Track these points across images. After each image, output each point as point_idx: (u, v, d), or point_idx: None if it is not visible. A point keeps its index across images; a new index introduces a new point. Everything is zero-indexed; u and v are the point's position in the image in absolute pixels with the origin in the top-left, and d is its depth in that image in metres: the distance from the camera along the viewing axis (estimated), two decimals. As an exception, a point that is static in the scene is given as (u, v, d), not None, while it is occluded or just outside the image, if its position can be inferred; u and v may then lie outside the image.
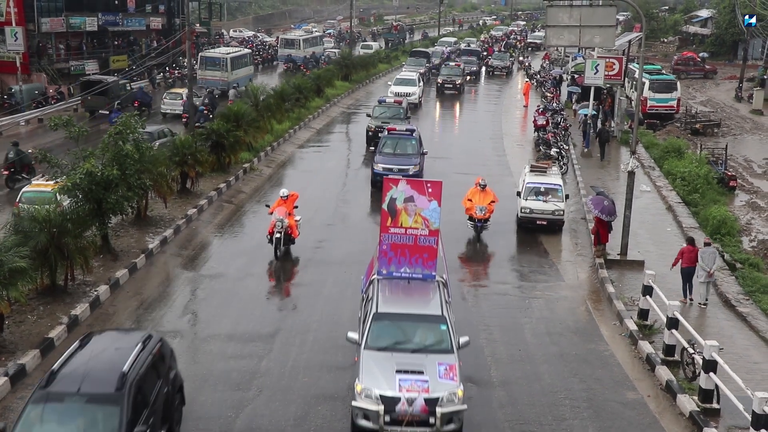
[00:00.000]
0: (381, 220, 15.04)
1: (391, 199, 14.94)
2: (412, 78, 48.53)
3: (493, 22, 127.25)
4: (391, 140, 28.80)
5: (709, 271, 18.47)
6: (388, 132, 29.30)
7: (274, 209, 21.01)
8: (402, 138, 28.97)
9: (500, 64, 66.36)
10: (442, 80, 53.74)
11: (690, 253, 18.71)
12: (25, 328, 15.70)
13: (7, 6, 44.18)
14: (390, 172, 26.42)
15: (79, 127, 21.76)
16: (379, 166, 27.46)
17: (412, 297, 14.68)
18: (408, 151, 28.56)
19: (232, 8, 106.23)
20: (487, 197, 23.09)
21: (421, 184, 15.20)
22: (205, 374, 14.72)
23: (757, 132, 45.04)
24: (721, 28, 77.47)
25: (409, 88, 46.35)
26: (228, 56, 49.54)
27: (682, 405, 13.90)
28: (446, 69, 55.56)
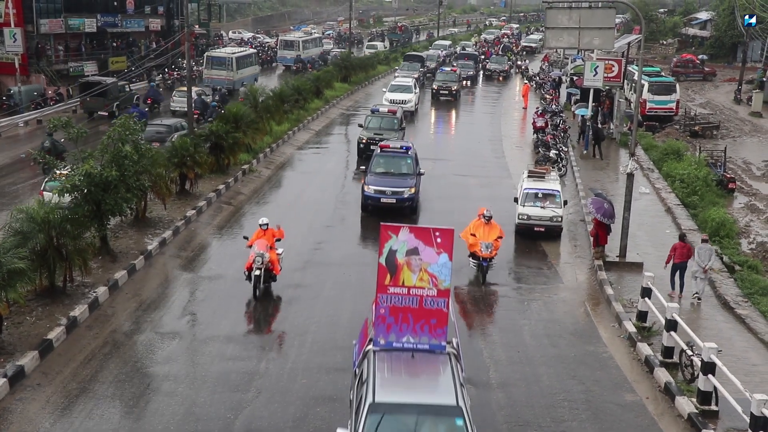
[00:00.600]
0: (378, 278, 12.06)
1: (390, 252, 12.01)
2: (408, 84, 46.41)
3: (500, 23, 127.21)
4: (384, 159, 26.15)
5: (704, 268, 18.78)
6: (381, 149, 26.63)
7: (253, 242, 18.60)
8: (396, 156, 26.31)
9: (498, 68, 65.20)
10: (437, 86, 51.50)
11: (681, 249, 19.11)
12: (24, 329, 15.69)
13: (6, 7, 44.17)
14: (383, 195, 24.53)
15: (78, 128, 21.78)
16: (370, 188, 24.77)
17: (418, 378, 11.81)
18: (403, 171, 25.76)
19: (231, 10, 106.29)
20: (493, 232, 20.04)
21: (427, 232, 12.15)
22: (204, 375, 14.71)
23: (756, 134, 45.05)
24: (720, 31, 77.53)
25: (405, 95, 44.45)
26: (233, 56, 51.08)
27: (680, 407, 13.90)
28: (441, 74, 53.50)
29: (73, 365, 14.78)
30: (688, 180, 29.46)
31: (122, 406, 13.56)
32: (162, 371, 14.83)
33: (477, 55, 68.52)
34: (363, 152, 31.96)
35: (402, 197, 24.64)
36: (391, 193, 24.59)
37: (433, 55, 67.78)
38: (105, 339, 15.97)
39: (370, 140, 31.53)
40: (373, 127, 33.37)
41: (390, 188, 24.70)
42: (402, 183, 25.06)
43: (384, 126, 33.32)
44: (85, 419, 13.02)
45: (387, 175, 25.49)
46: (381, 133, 31.88)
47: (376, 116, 34.18)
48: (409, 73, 54.46)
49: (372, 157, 26.63)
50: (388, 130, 32.77)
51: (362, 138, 32.64)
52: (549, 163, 30.67)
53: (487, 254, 19.73)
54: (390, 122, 33.59)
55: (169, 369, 14.92)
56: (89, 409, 13.32)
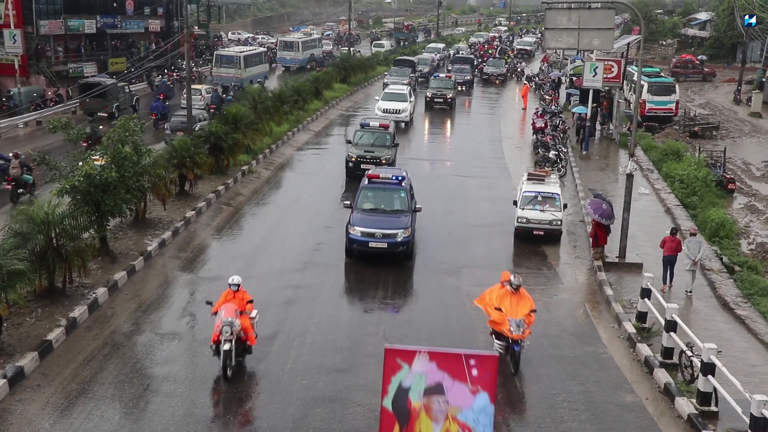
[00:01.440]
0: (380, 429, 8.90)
1: (399, 390, 8.43)
2: (402, 92, 42.93)
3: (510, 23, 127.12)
4: (373, 192, 22.11)
5: (694, 260, 19.32)
6: (369, 180, 22.30)
7: (220, 306, 14.73)
8: (387, 189, 22.15)
9: (495, 71, 62.67)
10: (431, 94, 48.13)
11: (671, 243, 19.67)
12: (24, 330, 15.68)
13: (6, 8, 44.19)
14: (371, 239, 20.50)
15: (77, 129, 21.78)
16: (356, 230, 20.61)
17: None
18: (395, 207, 21.67)
19: (230, 11, 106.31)
20: (523, 304, 15.27)
21: (457, 360, 8.38)
22: (203, 376, 14.70)
23: (755, 135, 45.06)
24: (719, 31, 77.58)
25: (399, 104, 41.26)
26: (241, 54, 53.59)
27: (680, 408, 13.89)
28: (436, 81, 49.73)
29: (72, 366, 14.77)
30: (688, 180, 29.47)
31: (122, 407, 13.55)
32: (161, 372, 14.82)
33: (473, 59, 65.78)
34: (352, 172, 28.74)
35: (394, 241, 20.58)
36: (381, 236, 20.53)
37: (425, 59, 64.69)
38: (104, 340, 15.97)
39: (360, 158, 28.74)
40: (364, 143, 30.27)
41: (380, 230, 20.65)
42: (394, 223, 20.98)
43: (375, 142, 30.34)
44: (84, 420, 13.01)
45: (376, 212, 21.54)
46: (372, 151, 29.22)
47: (366, 131, 31.00)
48: (399, 78, 51.68)
49: (358, 189, 22.47)
50: (381, 146, 29.98)
51: (351, 156, 29.30)
52: (548, 164, 30.70)
53: (518, 335, 14.92)
54: (382, 138, 30.58)
55: (168, 370, 14.91)
56: (89, 410, 13.31)
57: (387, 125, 31.44)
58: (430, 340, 16.64)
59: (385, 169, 24.11)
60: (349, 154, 29.56)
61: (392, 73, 54.81)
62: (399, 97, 42.26)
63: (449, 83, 48.99)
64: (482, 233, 24.31)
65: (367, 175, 22.72)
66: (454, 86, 49.16)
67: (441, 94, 47.79)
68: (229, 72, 51.99)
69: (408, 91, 43.71)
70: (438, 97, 47.74)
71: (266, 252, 21.88)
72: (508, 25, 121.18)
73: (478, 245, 23.21)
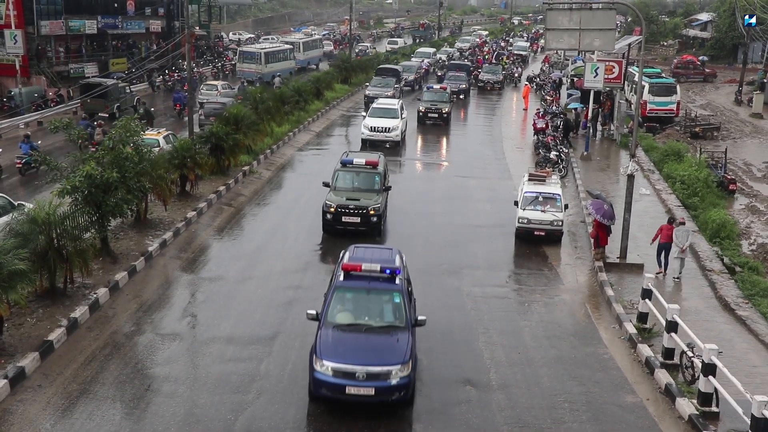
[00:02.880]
0: None
1: None
2: (393, 107, 37.50)
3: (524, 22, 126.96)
4: (354, 294, 14.82)
5: (682, 248, 20.48)
6: (346, 273, 14.87)
7: None
8: (374, 290, 14.76)
9: (492, 78, 58.04)
10: (424, 108, 42.19)
11: (668, 231, 20.87)
12: (25, 330, 15.70)
13: (7, 9, 44.21)
14: (350, 381, 13.23)
15: (78, 129, 21.79)
16: (326, 367, 13.34)
17: None
18: (386, 319, 14.53)
19: (231, 11, 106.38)
20: None
21: None
22: (204, 377, 14.71)
23: (756, 135, 45.05)
24: (720, 32, 77.58)
25: (389, 122, 36.05)
26: (262, 51, 56.96)
27: (681, 408, 13.90)
28: (430, 93, 43.99)
29: (73, 366, 14.78)
30: (689, 181, 29.46)
31: (123, 407, 13.56)
32: (162, 372, 14.83)
33: (469, 66, 60.48)
34: (331, 225, 23.05)
35: (386, 384, 13.28)
36: (365, 377, 13.24)
37: (410, 66, 59.20)
38: (105, 340, 15.98)
39: (342, 208, 22.76)
40: (346, 187, 23.93)
41: (362, 366, 13.31)
42: (385, 352, 13.68)
43: (360, 184, 24.09)
44: (85, 420, 13.02)
45: (356, 331, 14.20)
46: (357, 198, 23.15)
47: (349, 171, 24.40)
48: (381, 90, 47.02)
49: (329, 288, 15.14)
50: (367, 191, 23.70)
51: (329, 205, 22.93)
52: (550, 165, 30.72)
53: None
54: (369, 180, 24.15)
55: (169, 370, 14.92)
56: (90, 411, 13.32)
57: (375, 162, 24.56)
58: (431, 340, 16.64)
59: (369, 252, 16.27)
60: (327, 202, 22.99)
61: (374, 84, 49.17)
62: (389, 113, 36.89)
63: (444, 96, 43.64)
64: (483, 234, 24.32)
65: (343, 266, 15.01)
66: (449, 99, 44.23)
67: (435, 108, 42.14)
68: (251, 67, 55.33)
69: (399, 105, 38.29)
70: (432, 111, 42.13)
71: (267, 252, 21.89)
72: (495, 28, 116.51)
73: (479, 246, 23.21)
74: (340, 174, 24.28)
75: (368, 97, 46.58)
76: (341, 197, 23.18)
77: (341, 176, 24.24)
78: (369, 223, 22.87)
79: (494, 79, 58.04)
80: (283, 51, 60.48)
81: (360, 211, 22.79)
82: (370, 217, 22.84)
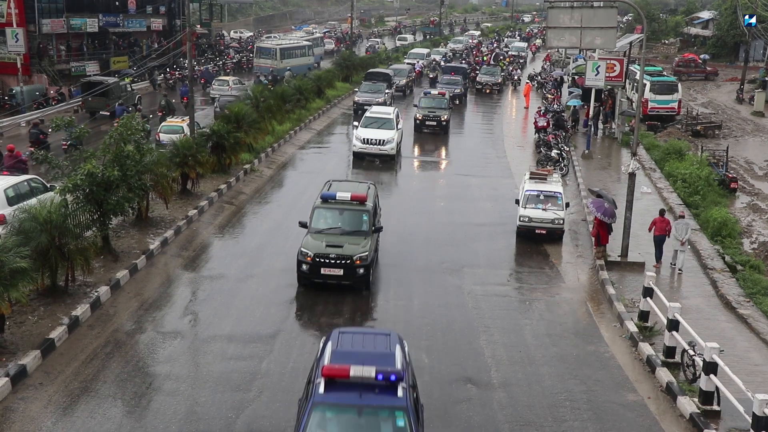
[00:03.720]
0: None
1: None
2: (388, 117, 33.92)
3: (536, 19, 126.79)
4: (338, 417, 10.43)
5: (682, 240, 20.98)
6: (327, 383, 10.43)
7: None
8: (368, 409, 10.32)
9: (491, 80, 55.43)
10: (422, 116, 38.97)
11: (661, 223, 21.28)
12: (26, 328, 15.71)
13: (8, 7, 44.23)
14: None
15: (80, 128, 21.79)
16: None
17: None
18: None
19: (232, 9, 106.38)
20: None
21: None
22: (205, 375, 14.72)
23: (758, 134, 45.05)
24: (722, 30, 77.55)
25: (384, 133, 32.60)
26: (278, 47, 58.66)
27: (682, 407, 13.89)
28: (427, 99, 40.44)
29: (75, 364, 14.79)
30: (690, 180, 29.46)
31: (124, 405, 13.57)
32: (164, 371, 14.84)
33: (466, 69, 56.94)
34: (308, 279, 18.67)
35: None
36: None
37: (402, 69, 55.13)
38: (107, 338, 15.99)
39: (321, 258, 18.36)
40: (327, 228, 19.32)
41: None
42: None
43: (345, 224, 19.44)
44: (87, 418, 13.03)
45: None
46: (340, 244, 18.57)
47: (330, 208, 19.62)
48: (372, 97, 43.64)
49: (303, 410, 10.64)
50: (354, 234, 19.15)
51: (306, 253, 18.45)
52: (551, 163, 30.72)
53: None
54: (355, 219, 19.49)
55: (170, 368, 14.93)
56: (91, 409, 13.33)
57: (363, 198, 19.67)
58: (432, 339, 16.65)
59: (360, 342, 11.82)
60: (303, 249, 18.46)
61: (363, 90, 45.72)
62: (383, 123, 33.48)
63: (443, 102, 40.21)
64: (484, 232, 24.32)
65: (324, 371, 10.50)
66: (449, 105, 40.88)
67: (434, 115, 38.87)
68: (266, 62, 56.96)
69: (395, 114, 34.63)
70: (430, 119, 38.85)
71: (268, 251, 21.89)
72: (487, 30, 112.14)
73: (480, 244, 23.21)
74: (319, 212, 19.48)
75: (357, 104, 43.70)
76: (320, 241, 18.61)
77: (321, 215, 19.47)
78: (354, 276, 18.47)
79: (492, 81, 55.59)
80: (301, 47, 62.22)
81: (343, 262, 18.34)
82: (355, 269, 18.36)
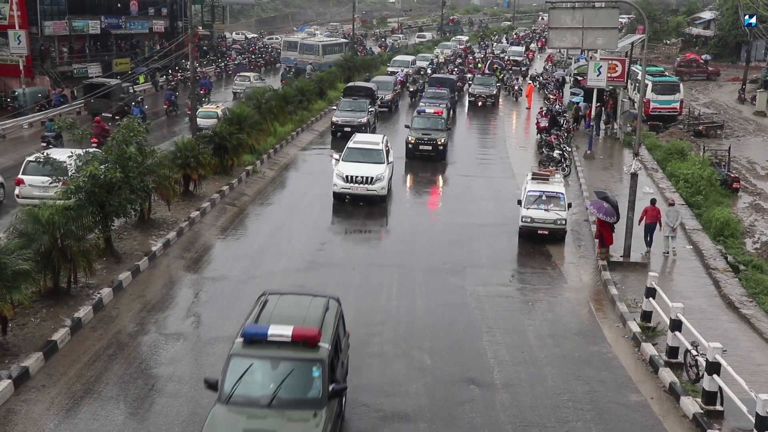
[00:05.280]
0: None
1: None
2: (376, 148, 27.38)
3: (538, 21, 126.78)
4: None
5: (672, 226, 22.06)
6: None
7: None
8: None
9: (485, 92, 49.18)
10: (414, 139, 33.29)
11: (651, 212, 22.19)
12: (28, 330, 15.72)
13: (11, 9, 44.31)
14: None
15: (82, 129, 21.82)
16: None
17: None
18: None
19: (234, 11, 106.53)
20: None
21: None
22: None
23: (760, 134, 45.01)
24: (724, 30, 77.47)
25: (372, 168, 26.30)
26: (320, 43, 64.93)
27: (685, 407, 13.87)
28: (420, 120, 34.67)
29: (77, 366, 14.79)
30: (692, 180, 29.44)
31: (127, 407, 13.57)
32: (166, 372, 14.83)
33: (454, 80, 49.48)
34: None
35: None
36: None
37: (387, 82, 48.37)
38: (109, 340, 15.99)
39: None
40: (246, 399, 11.39)
41: None
42: None
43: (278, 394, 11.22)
44: (89, 420, 13.03)
45: None
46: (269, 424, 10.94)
47: (257, 356, 11.56)
48: (353, 115, 37.48)
49: None
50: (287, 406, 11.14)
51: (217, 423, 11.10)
52: (553, 164, 30.70)
53: None
54: (296, 381, 11.39)
55: (173, 370, 14.92)
56: (94, 410, 13.33)
57: (313, 336, 11.49)
58: (435, 339, 16.64)
59: None
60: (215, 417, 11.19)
61: (342, 108, 38.80)
62: (370, 155, 27.06)
63: (439, 122, 34.44)
64: (486, 233, 24.31)
65: None
66: (446, 126, 35.02)
67: (429, 139, 33.36)
68: (309, 57, 62.08)
69: (383, 144, 27.96)
70: (424, 143, 33.26)
71: (271, 252, 21.90)
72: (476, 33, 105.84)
73: (482, 245, 23.20)
74: (237, 364, 11.50)
75: (336, 125, 37.81)
76: (239, 420, 11.11)
77: (239, 369, 11.48)
78: None
79: (487, 93, 49.41)
80: (339, 44, 68.71)
81: None
82: None
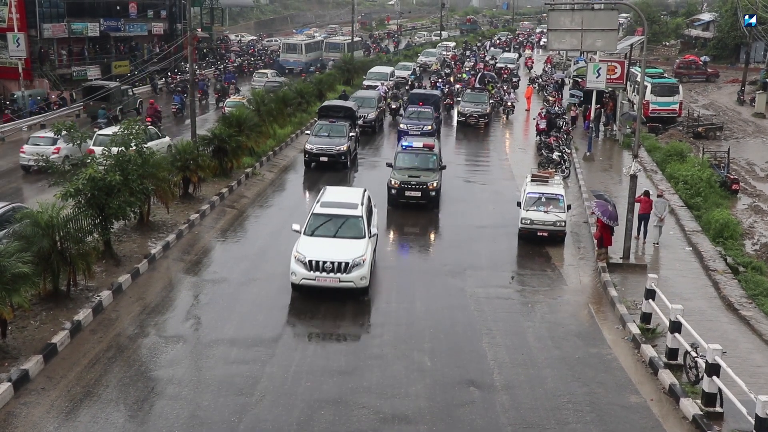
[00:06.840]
0: None
1: None
2: (353, 214, 19.68)
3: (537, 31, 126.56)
4: None
5: (660, 217, 22.98)
6: None
7: None
8: None
9: (476, 111, 41.74)
10: (399, 182, 26.08)
11: (645, 203, 22.96)
12: (28, 333, 15.71)
13: (9, 12, 44.36)
14: None
15: (81, 132, 21.83)
16: None
17: None
18: None
19: (233, 13, 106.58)
20: None
21: None
22: (208, 379, 14.71)
23: (759, 135, 45.00)
24: (723, 32, 77.48)
25: (348, 247, 18.61)
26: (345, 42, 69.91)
27: (685, 409, 13.87)
28: (407, 157, 27.23)
29: (77, 369, 14.79)
30: (692, 181, 29.43)
31: (126, 409, 13.57)
32: (166, 375, 14.83)
33: (439, 96, 42.15)
34: None
35: None
36: None
37: (370, 98, 41.15)
38: (109, 343, 15.99)
39: None
40: None
41: None
42: None
43: None
44: (89, 423, 13.03)
45: None
46: None
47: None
48: (329, 142, 31.26)
49: None
50: None
51: None
52: (552, 165, 30.71)
53: None
54: None
55: (173, 372, 14.92)
56: (94, 413, 13.33)
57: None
58: (435, 341, 16.64)
59: None
60: None
61: (317, 132, 32.37)
62: (347, 226, 19.48)
63: (430, 160, 27.18)
64: (486, 234, 24.31)
65: None
66: (438, 165, 27.47)
67: (417, 182, 26.10)
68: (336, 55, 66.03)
69: (363, 206, 20.25)
70: (412, 188, 26.07)
71: (270, 254, 21.89)
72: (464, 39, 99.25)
73: (482, 246, 23.20)
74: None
75: (310, 153, 31.31)
76: None
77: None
78: None
79: (479, 112, 41.89)
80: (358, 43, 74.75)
81: None
82: None
